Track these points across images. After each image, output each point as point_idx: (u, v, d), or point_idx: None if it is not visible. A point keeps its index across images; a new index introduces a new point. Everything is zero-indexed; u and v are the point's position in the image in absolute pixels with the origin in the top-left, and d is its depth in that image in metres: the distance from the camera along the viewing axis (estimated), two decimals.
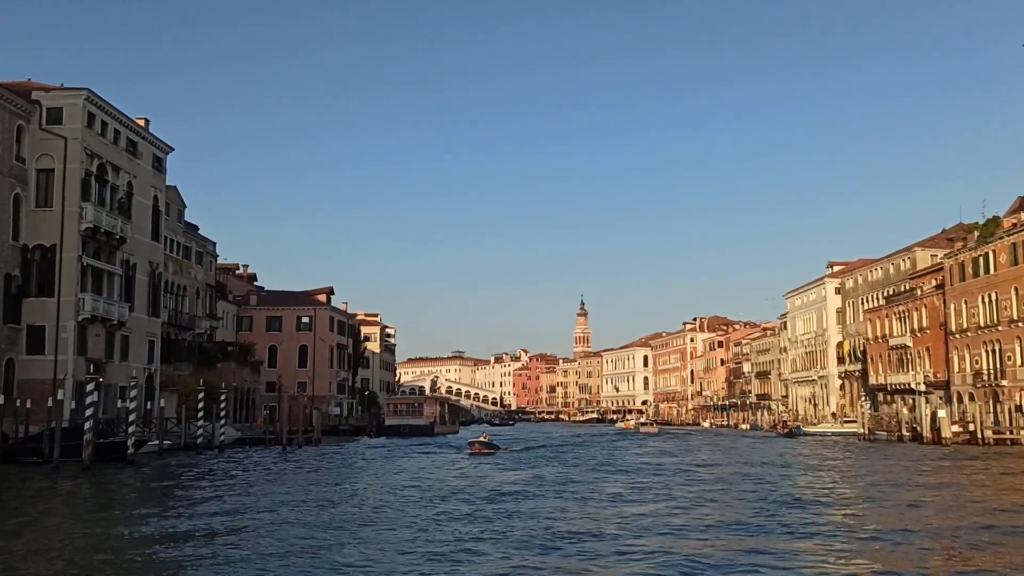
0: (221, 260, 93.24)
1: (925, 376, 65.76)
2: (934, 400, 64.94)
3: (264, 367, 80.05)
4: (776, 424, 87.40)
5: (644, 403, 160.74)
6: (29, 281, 41.59)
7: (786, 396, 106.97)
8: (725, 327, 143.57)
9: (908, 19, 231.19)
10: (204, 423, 44.55)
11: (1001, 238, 56.74)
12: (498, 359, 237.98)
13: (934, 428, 55.13)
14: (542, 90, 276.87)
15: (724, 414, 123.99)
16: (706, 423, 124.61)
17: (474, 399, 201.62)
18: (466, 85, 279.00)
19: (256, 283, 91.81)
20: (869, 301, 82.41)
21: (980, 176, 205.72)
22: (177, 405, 50.52)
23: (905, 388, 69.33)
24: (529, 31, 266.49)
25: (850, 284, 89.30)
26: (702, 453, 50.22)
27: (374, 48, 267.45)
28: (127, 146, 47.82)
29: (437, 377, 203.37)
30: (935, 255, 74.74)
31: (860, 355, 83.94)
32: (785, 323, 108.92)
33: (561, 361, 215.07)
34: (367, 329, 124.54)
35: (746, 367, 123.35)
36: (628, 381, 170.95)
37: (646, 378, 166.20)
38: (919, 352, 68.29)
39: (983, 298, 58.23)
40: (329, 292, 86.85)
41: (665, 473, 33.94)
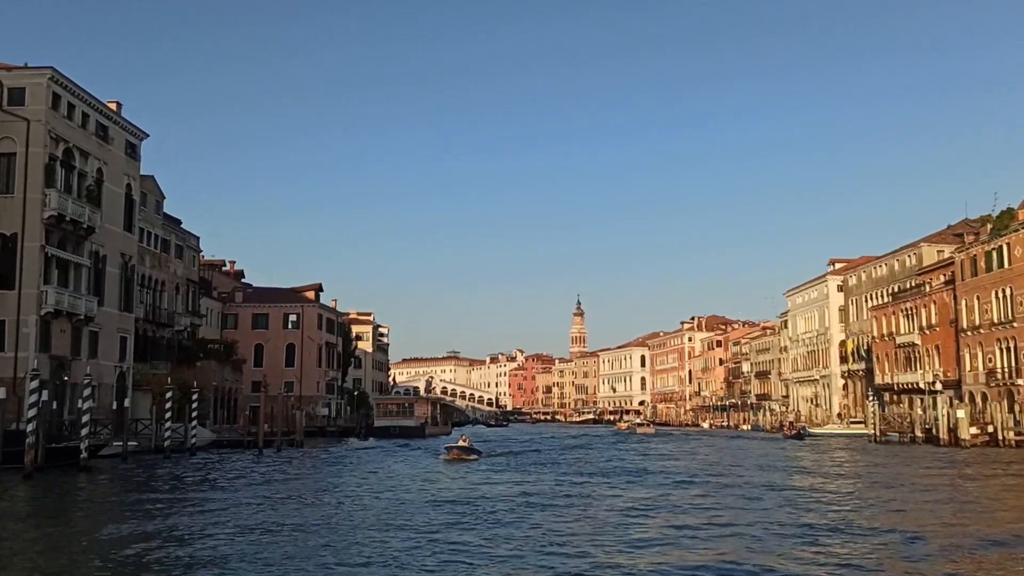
0: (208, 256, 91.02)
1: (935, 375, 63.33)
2: (945, 400, 62.54)
3: (250, 366, 77.51)
4: (782, 425, 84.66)
5: (641, 404, 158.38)
6: None
7: (787, 396, 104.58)
8: (723, 326, 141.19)
9: (906, 19, 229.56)
10: (174, 424, 41.85)
11: (1016, 230, 54.33)
12: (494, 359, 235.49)
13: (951, 430, 52.58)
14: (541, 90, 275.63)
15: (724, 415, 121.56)
16: (705, 424, 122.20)
17: (469, 400, 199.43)
18: (465, 85, 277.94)
19: (244, 280, 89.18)
20: (874, 298, 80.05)
21: (979, 175, 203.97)
22: (151, 405, 47.95)
23: (913, 388, 66.91)
24: (528, 31, 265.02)
25: (853, 281, 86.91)
26: (707, 456, 47.42)
27: (374, 48, 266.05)
28: (96, 130, 45.11)
29: (432, 378, 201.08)
30: (942, 251, 72.59)
31: (864, 354, 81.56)
32: (786, 322, 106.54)
33: (557, 361, 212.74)
34: (359, 328, 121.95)
35: (745, 367, 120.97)
36: (625, 381, 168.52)
37: (643, 378, 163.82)
38: (928, 350, 65.85)
39: (997, 293, 55.82)
40: (317, 289, 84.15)
41: (670, 481, 30.54)
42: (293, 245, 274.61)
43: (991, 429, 50.85)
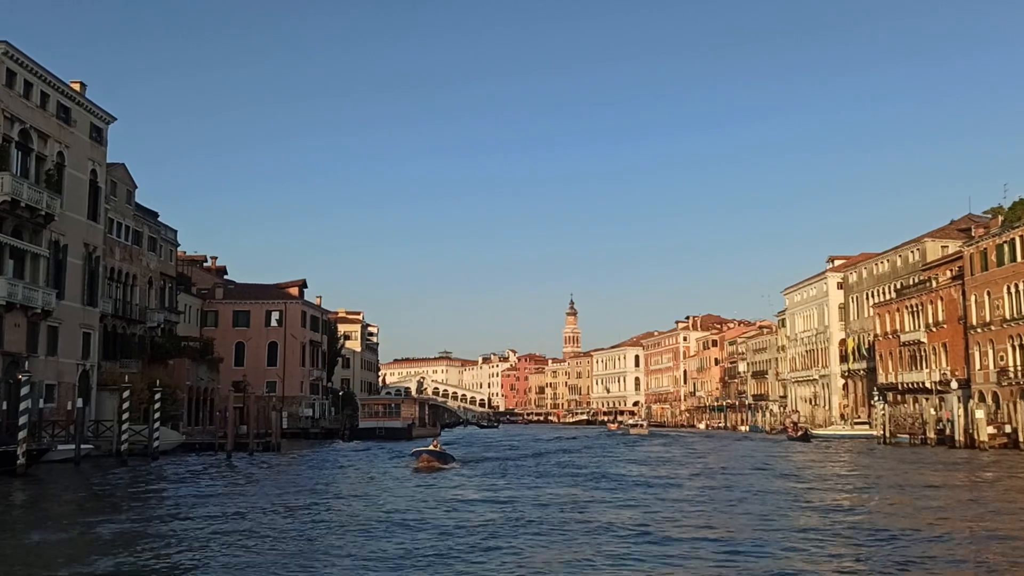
0: (191, 253, 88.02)
1: (943, 374, 60.82)
2: (951, 400, 60.05)
3: (230, 365, 74.61)
4: (785, 426, 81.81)
5: (635, 404, 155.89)
6: None
7: (784, 396, 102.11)
8: (719, 326, 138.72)
9: (905, 19, 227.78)
10: (137, 426, 38.96)
11: None
12: (486, 360, 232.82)
13: (967, 431, 49.96)
14: (534, 92, 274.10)
15: (720, 415, 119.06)
16: (701, 424, 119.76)
17: (461, 400, 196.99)
18: (459, 87, 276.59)
19: (227, 277, 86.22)
20: (876, 296, 77.58)
21: (978, 174, 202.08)
22: (117, 406, 45.09)
23: (918, 387, 64.44)
24: (520, 34, 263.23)
25: (853, 278, 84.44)
26: (709, 459, 44.28)
27: (366, 49, 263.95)
28: (57, 112, 42.24)
29: (424, 378, 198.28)
30: (946, 246, 70.31)
31: (866, 352, 79.09)
32: (783, 320, 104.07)
33: (550, 362, 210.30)
34: (348, 327, 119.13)
35: (741, 367, 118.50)
36: (619, 382, 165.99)
37: (637, 378, 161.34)
38: (934, 348, 63.35)
39: (1009, 288, 53.30)
40: (301, 285, 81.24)
41: (674, 494, 26.19)
42: (283, 245, 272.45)
43: (1008, 430, 48.24)
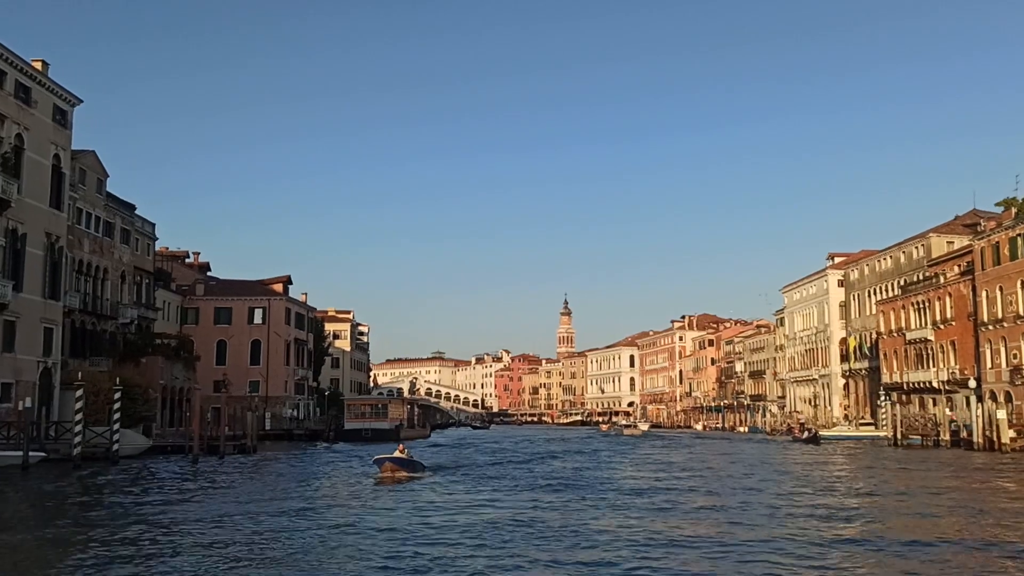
0: (175, 249, 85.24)
1: (951, 373, 58.43)
2: (960, 400, 57.72)
3: (212, 364, 71.96)
4: (790, 427, 79.05)
5: (630, 404, 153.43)
6: None
7: (783, 397, 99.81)
8: (715, 325, 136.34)
9: (905, 19, 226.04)
10: (93, 428, 36.27)
11: None
12: (479, 360, 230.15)
13: (986, 433, 47.46)
14: (533, 93, 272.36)
15: (718, 416, 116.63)
16: (698, 425, 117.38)
17: (454, 401, 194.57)
18: (456, 87, 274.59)
19: (210, 273, 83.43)
20: (879, 293, 75.22)
21: (978, 174, 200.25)
22: (75, 406, 42.39)
23: (925, 387, 62.07)
24: (520, 34, 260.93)
25: (855, 275, 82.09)
26: (716, 464, 40.94)
27: (366, 49, 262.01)
28: (16, 91, 39.51)
29: (416, 379, 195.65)
30: (952, 241, 68.06)
31: (869, 351, 76.74)
32: (782, 319, 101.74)
33: (544, 362, 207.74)
34: (337, 326, 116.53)
35: (738, 366, 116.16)
36: (613, 382, 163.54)
37: (632, 379, 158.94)
38: (942, 346, 60.94)
39: (1023, 283, 50.98)
40: (286, 282, 78.53)
41: (688, 516, 21.22)
42: (280, 245, 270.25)
43: None
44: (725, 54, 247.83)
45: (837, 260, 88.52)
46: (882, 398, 64.59)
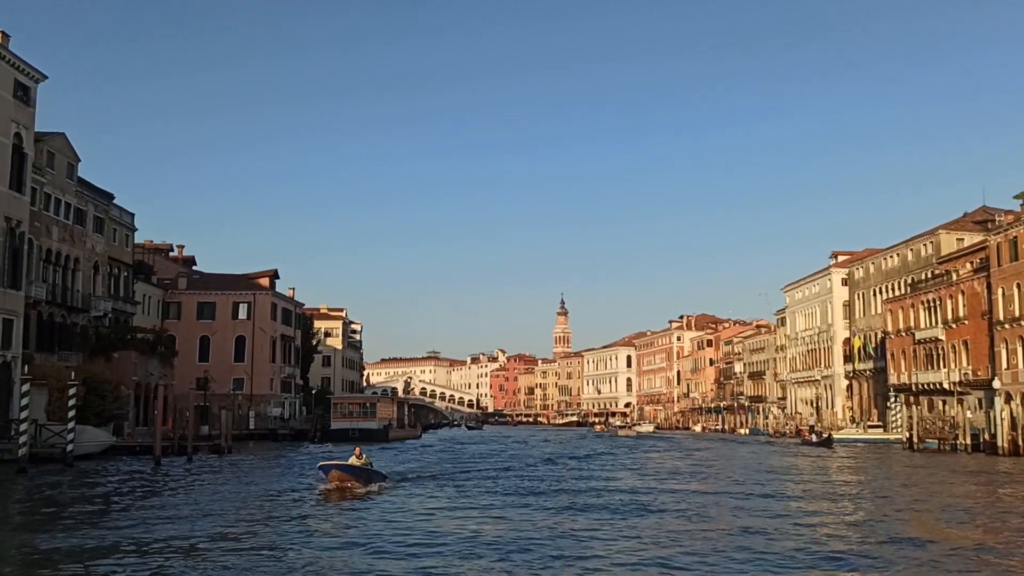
0: (160, 241, 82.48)
1: (963, 374, 55.94)
2: (972, 401, 55.25)
3: (195, 361, 69.38)
4: (799, 429, 76.23)
5: (627, 405, 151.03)
6: None
7: (784, 398, 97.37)
8: (714, 325, 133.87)
9: (905, 19, 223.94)
10: (49, 426, 33.62)
11: None
12: (475, 360, 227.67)
13: (1011, 437, 44.87)
14: (533, 93, 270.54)
15: (718, 417, 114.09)
16: (697, 427, 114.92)
17: (449, 401, 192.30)
18: (456, 87, 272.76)
19: (195, 268, 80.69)
20: (885, 291, 72.78)
21: (978, 173, 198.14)
22: (47, 403, 39.86)
23: (935, 388, 59.59)
24: (520, 34, 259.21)
25: (860, 274, 79.66)
26: (729, 473, 35.88)
27: (366, 49, 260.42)
28: None
29: (411, 378, 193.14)
30: (962, 238, 65.74)
31: (874, 352, 74.29)
32: (783, 319, 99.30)
33: (540, 362, 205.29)
34: (329, 324, 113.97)
35: (738, 367, 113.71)
36: (610, 382, 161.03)
37: (629, 379, 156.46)
38: (954, 346, 58.45)
39: None
40: (272, 276, 75.79)
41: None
42: (275, 245, 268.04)
43: None
44: (725, 54, 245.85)
45: (841, 258, 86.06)
46: (892, 400, 62.07)
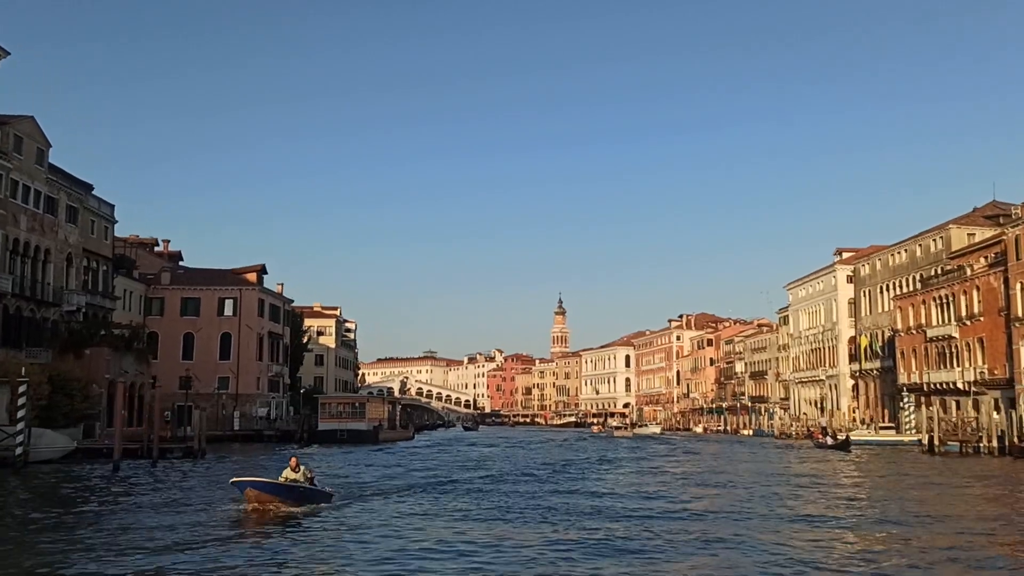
0: (147, 235, 79.89)
1: (979, 373, 53.52)
2: (987, 401, 52.86)
3: (178, 359, 66.96)
4: (811, 430, 73.48)
5: (626, 406, 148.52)
6: None
7: (786, 398, 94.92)
8: (714, 324, 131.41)
9: (905, 19, 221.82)
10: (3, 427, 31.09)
11: None
12: (472, 360, 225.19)
13: None
14: (533, 93, 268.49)
15: (719, 418, 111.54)
16: (699, 428, 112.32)
17: (446, 401, 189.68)
18: (456, 87, 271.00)
19: (182, 263, 78.14)
20: (893, 288, 70.37)
21: (977, 172, 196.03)
22: (9, 402, 37.32)
23: (948, 388, 57.18)
24: (520, 34, 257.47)
25: (866, 271, 77.26)
26: (748, 484, 29.88)
27: (366, 49, 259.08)
28: None
29: (407, 378, 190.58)
30: (972, 233, 63.53)
31: (882, 350, 71.87)
32: (785, 317, 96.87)
33: (538, 362, 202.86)
34: (322, 323, 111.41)
35: (739, 367, 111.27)
36: (608, 382, 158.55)
37: (628, 379, 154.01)
38: (968, 344, 56.04)
39: None
40: (260, 271, 73.23)
41: None
42: (274, 245, 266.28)
43: None
44: (725, 54, 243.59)
45: (846, 255, 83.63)
46: (905, 400, 59.58)
